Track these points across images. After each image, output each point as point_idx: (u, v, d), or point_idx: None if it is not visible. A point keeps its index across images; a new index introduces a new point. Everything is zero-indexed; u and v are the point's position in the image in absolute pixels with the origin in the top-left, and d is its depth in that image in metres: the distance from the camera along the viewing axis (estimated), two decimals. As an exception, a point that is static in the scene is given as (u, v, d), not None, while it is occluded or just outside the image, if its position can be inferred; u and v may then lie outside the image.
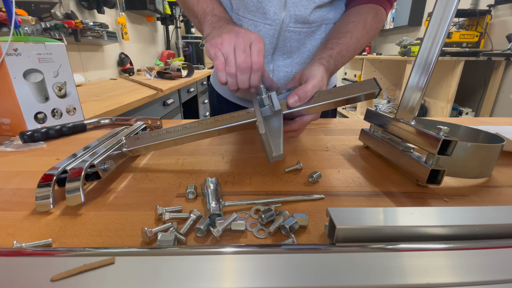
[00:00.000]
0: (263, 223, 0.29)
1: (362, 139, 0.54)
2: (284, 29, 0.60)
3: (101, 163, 0.37)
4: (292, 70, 0.66)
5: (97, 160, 0.36)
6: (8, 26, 1.09)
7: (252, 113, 0.42)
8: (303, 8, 0.57)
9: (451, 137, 0.34)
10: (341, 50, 0.53)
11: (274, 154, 0.31)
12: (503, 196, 0.36)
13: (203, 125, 0.42)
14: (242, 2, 0.59)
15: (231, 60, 0.40)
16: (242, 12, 0.60)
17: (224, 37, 0.41)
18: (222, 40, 0.41)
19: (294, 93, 0.41)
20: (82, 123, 0.63)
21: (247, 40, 0.41)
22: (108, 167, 0.37)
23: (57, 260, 0.21)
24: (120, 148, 0.42)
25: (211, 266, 0.20)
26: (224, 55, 0.41)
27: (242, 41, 0.40)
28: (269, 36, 0.61)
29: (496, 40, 2.41)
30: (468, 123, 0.55)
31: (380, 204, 0.34)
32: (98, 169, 0.36)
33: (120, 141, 0.44)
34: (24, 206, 0.33)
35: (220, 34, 0.42)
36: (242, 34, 0.41)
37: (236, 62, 0.40)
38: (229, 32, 0.42)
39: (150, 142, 0.42)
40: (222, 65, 0.41)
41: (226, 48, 0.41)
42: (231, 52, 0.40)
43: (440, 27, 0.35)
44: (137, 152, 0.45)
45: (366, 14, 0.57)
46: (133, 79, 1.99)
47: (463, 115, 2.56)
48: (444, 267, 0.21)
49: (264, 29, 0.60)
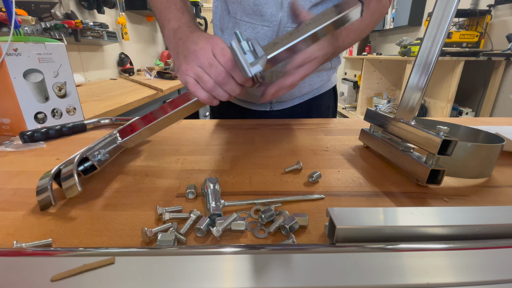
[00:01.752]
0: (263, 223, 0.29)
1: (362, 139, 0.54)
2: (282, 30, 0.60)
3: (93, 155, 0.37)
4: None
5: (89, 152, 0.37)
6: (8, 26, 1.09)
7: None
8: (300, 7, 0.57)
9: (451, 137, 0.34)
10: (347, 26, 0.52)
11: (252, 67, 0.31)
12: (503, 196, 0.36)
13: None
14: (239, 6, 0.59)
15: (202, 77, 0.39)
16: (240, 15, 0.60)
17: (188, 62, 0.40)
18: (186, 67, 0.40)
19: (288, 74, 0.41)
20: (82, 123, 0.63)
21: (206, 53, 0.39)
22: (101, 157, 0.38)
23: (57, 260, 0.21)
24: (114, 141, 0.43)
25: (211, 266, 0.20)
26: (195, 78, 0.40)
27: (203, 58, 0.39)
28: (268, 38, 0.61)
29: (496, 40, 2.41)
30: (468, 123, 0.55)
31: (380, 204, 0.34)
32: (92, 160, 0.37)
33: (112, 134, 0.44)
34: (24, 206, 0.33)
35: (182, 62, 0.41)
36: (199, 50, 0.40)
37: (214, 80, 0.39)
38: (187, 56, 0.41)
39: (142, 127, 0.42)
40: (196, 86, 0.40)
41: (194, 71, 0.40)
42: (201, 72, 0.39)
43: (440, 27, 0.35)
44: (132, 143, 0.45)
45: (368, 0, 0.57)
46: (133, 79, 1.99)
47: (463, 115, 2.56)
48: (444, 267, 0.21)
49: (262, 30, 0.60)
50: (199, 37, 0.42)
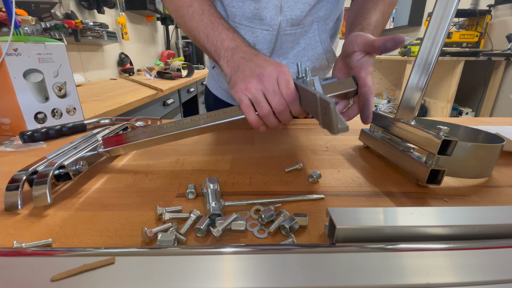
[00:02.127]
0: (263, 223, 0.29)
1: (362, 139, 0.54)
2: (281, 34, 0.60)
3: (72, 164, 0.37)
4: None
5: (67, 161, 0.36)
6: (8, 26, 1.09)
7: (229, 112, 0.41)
8: (299, 11, 0.57)
9: (451, 137, 0.34)
10: (370, 23, 0.50)
11: (340, 126, 0.31)
12: (503, 196, 0.36)
13: (179, 125, 0.41)
14: (239, 10, 0.58)
15: (261, 102, 0.39)
16: (239, 19, 0.60)
17: (248, 82, 0.39)
18: (246, 86, 0.39)
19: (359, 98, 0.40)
20: (82, 123, 0.63)
21: (272, 79, 0.39)
22: (79, 168, 0.37)
23: (57, 260, 0.21)
24: (96, 149, 0.43)
25: (211, 266, 0.20)
26: (251, 99, 0.39)
27: (268, 84, 0.38)
28: (267, 41, 0.61)
29: (496, 40, 2.42)
30: (468, 123, 0.55)
31: (380, 204, 0.34)
32: (69, 170, 0.36)
33: (96, 141, 0.44)
34: (24, 206, 0.33)
35: (241, 79, 0.40)
36: (266, 75, 0.39)
37: (272, 107, 0.39)
38: (250, 76, 0.40)
39: (127, 142, 0.42)
40: (249, 107, 0.39)
41: (253, 93, 0.39)
42: (260, 96, 0.39)
43: (440, 27, 0.35)
44: (114, 153, 0.45)
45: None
46: (133, 79, 1.99)
47: (463, 115, 2.57)
48: (444, 267, 0.21)
49: (262, 34, 0.60)
50: (266, 61, 0.41)
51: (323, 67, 0.70)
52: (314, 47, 0.64)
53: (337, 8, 0.63)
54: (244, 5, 0.58)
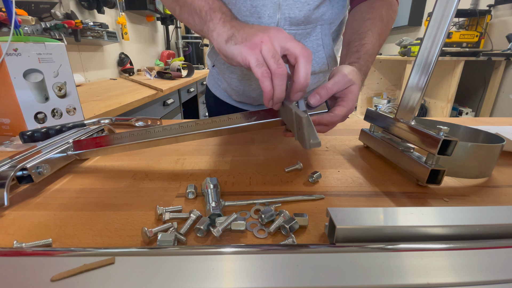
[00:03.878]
0: (263, 223, 0.29)
1: (362, 139, 0.54)
2: None
3: (35, 167, 0.36)
4: None
5: (30, 164, 0.36)
6: (8, 26, 1.09)
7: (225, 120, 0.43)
8: (298, 10, 0.57)
9: (451, 137, 0.34)
10: (368, 49, 0.52)
11: (312, 141, 0.31)
12: (503, 196, 0.36)
13: (151, 133, 0.42)
14: (235, 7, 0.58)
15: (275, 55, 0.37)
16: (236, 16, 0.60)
17: (263, 36, 0.37)
18: (262, 38, 0.37)
19: (315, 92, 0.40)
20: (82, 123, 0.63)
21: (285, 36, 0.38)
22: (41, 171, 0.37)
23: (57, 260, 0.21)
24: (65, 151, 0.43)
25: (211, 266, 0.20)
26: (264, 55, 0.37)
27: (282, 38, 0.37)
28: None
29: (496, 40, 2.42)
30: (468, 123, 0.55)
31: (380, 204, 0.34)
32: (31, 173, 0.36)
33: (67, 143, 0.44)
34: (24, 206, 0.33)
35: (255, 33, 0.38)
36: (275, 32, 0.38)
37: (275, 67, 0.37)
38: (262, 31, 0.38)
39: (95, 147, 0.43)
40: (267, 74, 0.37)
41: (268, 47, 0.37)
42: (275, 51, 0.37)
43: (440, 27, 0.35)
44: (84, 156, 0.45)
45: (380, 9, 0.56)
46: (133, 79, 1.99)
47: (463, 115, 2.56)
48: (444, 267, 0.21)
49: None
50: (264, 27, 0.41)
51: (322, 70, 0.70)
52: (316, 51, 0.63)
53: (342, 12, 0.63)
54: (239, 2, 0.57)
